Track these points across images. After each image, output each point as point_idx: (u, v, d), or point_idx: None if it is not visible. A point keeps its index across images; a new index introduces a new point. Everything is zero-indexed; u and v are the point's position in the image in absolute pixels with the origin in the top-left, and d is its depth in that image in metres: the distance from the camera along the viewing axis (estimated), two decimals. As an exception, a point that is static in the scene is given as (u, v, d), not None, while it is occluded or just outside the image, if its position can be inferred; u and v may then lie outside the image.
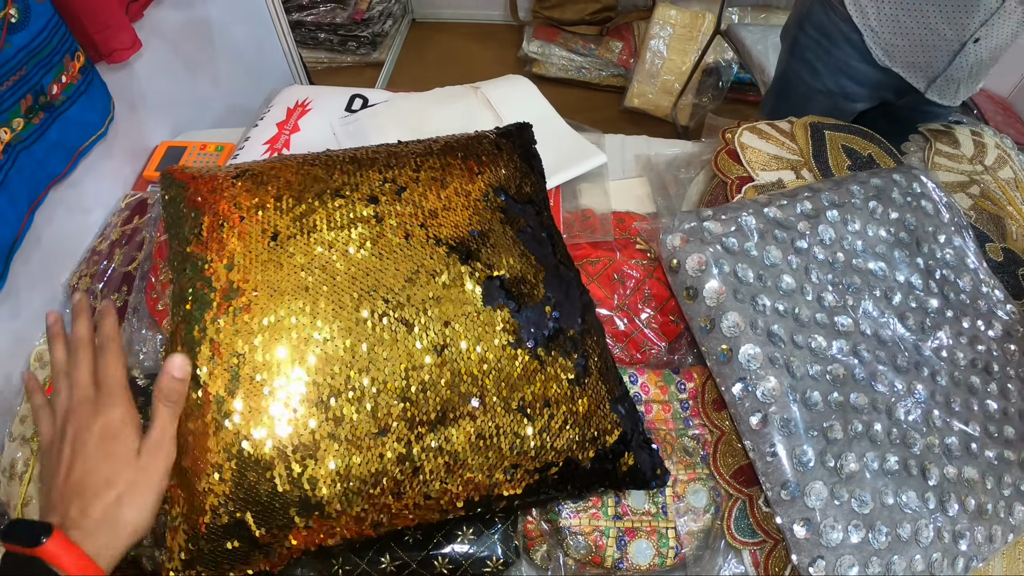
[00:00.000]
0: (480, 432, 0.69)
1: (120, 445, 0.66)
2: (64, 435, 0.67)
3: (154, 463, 0.66)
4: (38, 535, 0.57)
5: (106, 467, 0.65)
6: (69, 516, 0.61)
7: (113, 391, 0.70)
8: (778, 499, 0.78)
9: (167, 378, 0.67)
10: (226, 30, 1.66)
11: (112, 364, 0.72)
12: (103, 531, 0.62)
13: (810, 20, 1.42)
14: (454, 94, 1.27)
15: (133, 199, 1.24)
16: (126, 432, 0.67)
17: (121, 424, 0.67)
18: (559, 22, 3.08)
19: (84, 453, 0.65)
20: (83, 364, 0.72)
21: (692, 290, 0.88)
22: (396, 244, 0.73)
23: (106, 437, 0.66)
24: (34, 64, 1.00)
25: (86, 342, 0.74)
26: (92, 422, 0.67)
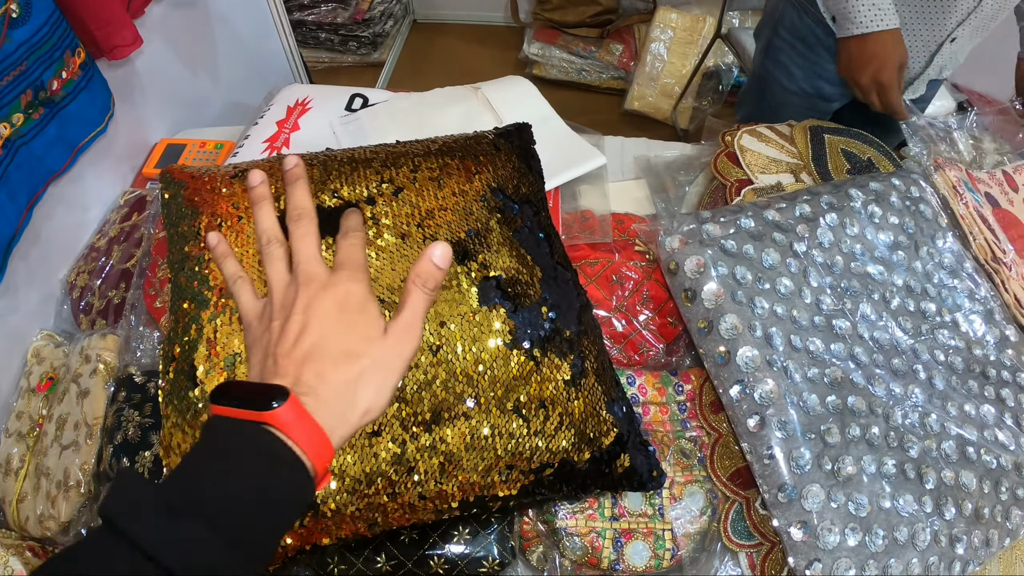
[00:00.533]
0: (475, 433, 0.69)
1: (365, 319, 0.57)
2: (291, 302, 0.57)
3: (401, 345, 0.57)
4: (269, 398, 0.48)
5: (349, 338, 0.55)
6: (302, 381, 0.52)
7: (356, 268, 0.60)
8: (775, 501, 0.78)
9: (426, 262, 0.59)
10: (227, 28, 1.66)
11: (355, 247, 0.62)
12: (340, 403, 0.53)
13: (783, 23, 1.41)
14: (455, 95, 1.27)
15: (132, 196, 1.24)
16: (370, 308, 0.58)
17: (365, 298, 0.58)
18: (560, 24, 3.08)
19: (322, 320, 0.55)
20: (311, 235, 0.62)
21: (690, 292, 0.88)
22: (393, 244, 0.73)
23: (349, 308, 0.57)
24: (35, 59, 1.00)
25: (311, 212, 0.63)
26: (329, 292, 0.57)
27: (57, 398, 0.98)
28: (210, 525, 0.43)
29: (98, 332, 1.00)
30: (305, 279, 0.58)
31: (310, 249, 0.60)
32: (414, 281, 0.59)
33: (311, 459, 0.48)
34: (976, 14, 1.20)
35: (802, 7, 1.34)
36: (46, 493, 0.92)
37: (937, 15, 1.22)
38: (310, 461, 0.48)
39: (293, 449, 0.48)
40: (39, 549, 0.90)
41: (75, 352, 0.99)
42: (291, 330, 0.55)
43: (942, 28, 1.24)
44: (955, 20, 1.22)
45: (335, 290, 0.57)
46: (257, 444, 0.47)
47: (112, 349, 0.97)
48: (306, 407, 0.50)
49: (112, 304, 1.07)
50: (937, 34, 1.25)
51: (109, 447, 0.89)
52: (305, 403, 0.50)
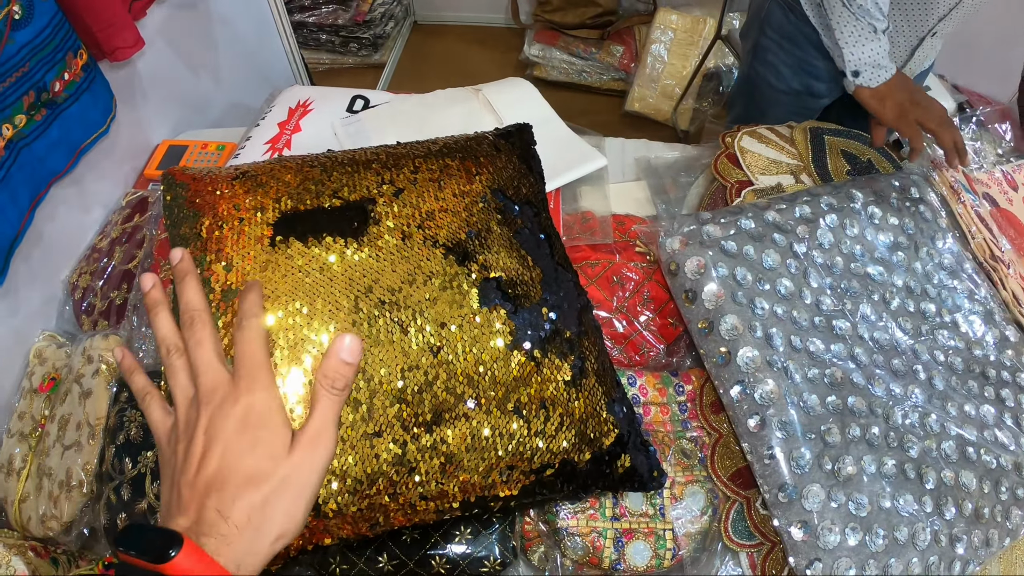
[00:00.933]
0: (476, 433, 0.69)
1: (268, 434, 0.55)
2: (193, 422, 0.56)
3: (311, 457, 0.56)
4: (166, 547, 0.46)
5: (251, 460, 0.53)
6: (204, 519, 0.51)
7: (255, 371, 0.58)
8: (775, 501, 0.78)
9: (334, 360, 0.59)
10: (228, 30, 1.67)
11: (254, 340, 0.60)
12: (245, 537, 0.51)
13: (770, 23, 1.41)
14: (456, 96, 1.28)
15: (134, 197, 1.25)
16: (274, 419, 0.56)
17: (268, 410, 0.56)
18: (560, 26, 3.08)
19: (222, 442, 0.53)
20: (207, 340, 0.60)
21: (691, 293, 0.88)
22: (393, 246, 0.73)
23: (250, 424, 0.55)
24: (37, 61, 1.01)
25: (205, 313, 0.63)
26: (230, 407, 0.55)
27: (59, 398, 0.98)
28: None
29: (100, 333, 1.00)
30: (205, 393, 0.57)
31: (206, 356, 0.59)
32: (321, 383, 0.58)
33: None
34: (957, 10, 1.22)
35: (788, 6, 1.34)
36: (48, 493, 0.92)
37: (920, 12, 1.24)
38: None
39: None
40: (41, 549, 0.90)
41: (77, 353, 0.99)
42: (193, 455, 0.54)
43: (924, 24, 1.26)
44: (936, 16, 1.23)
45: (236, 406, 0.55)
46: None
47: (114, 349, 0.97)
48: (206, 548, 0.48)
49: (114, 305, 1.08)
50: (919, 29, 1.27)
51: (111, 447, 0.89)
52: (205, 544, 0.49)
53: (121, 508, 0.85)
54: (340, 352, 0.59)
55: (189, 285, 0.64)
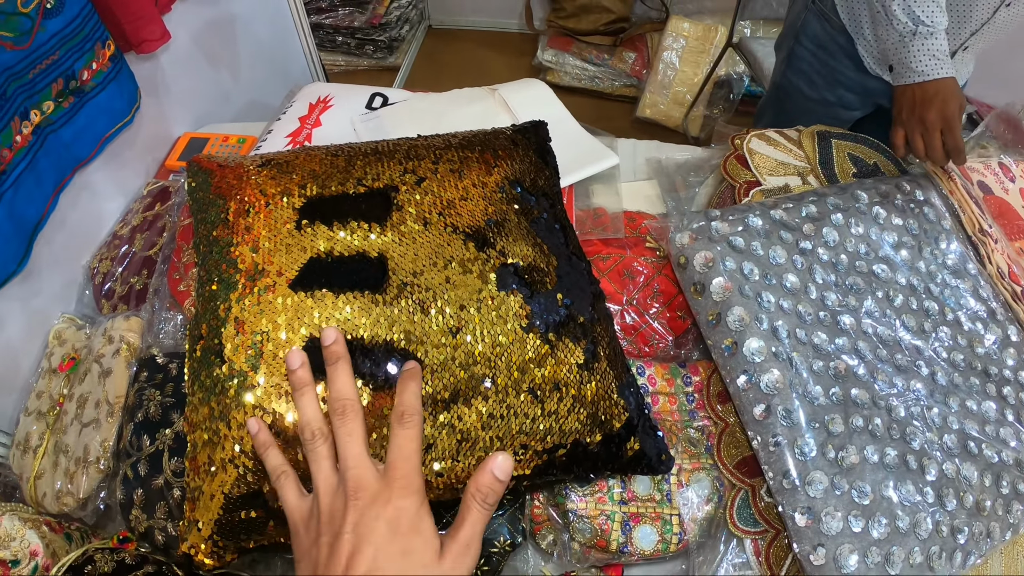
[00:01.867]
0: (492, 412, 0.71)
1: (421, 542, 0.54)
2: (339, 516, 0.55)
3: (460, 566, 0.54)
4: None
5: (403, 567, 0.52)
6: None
7: (410, 475, 0.57)
8: (780, 488, 0.80)
9: (488, 476, 0.57)
10: (249, 28, 1.70)
11: (413, 440, 0.59)
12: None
13: (806, 32, 1.44)
14: (472, 95, 1.30)
15: (155, 187, 1.27)
16: (425, 527, 0.55)
17: (418, 517, 0.55)
18: (573, 32, 3.11)
19: (373, 545, 0.52)
20: (358, 434, 0.60)
21: (699, 285, 0.90)
22: (416, 231, 0.76)
23: (401, 531, 0.54)
24: (66, 50, 1.03)
25: (355, 404, 0.63)
26: (381, 508, 0.54)
27: (78, 378, 1.01)
28: None
29: (122, 314, 1.02)
30: (353, 488, 0.56)
31: (356, 449, 0.59)
32: (474, 496, 0.57)
33: None
34: (989, 25, 1.23)
35: (824, 16, 1.36)
36: (64, 470, 0.94)
37: (954, 25, 1.25)
38: None
39: None
40: (55, 524, 0.92)
41: (98, 333, 1.02)
42: (342, 552, 0.52)
43: (957, 37, 1.27)
44: (969, 30, 1.25)
45: (387, 507, 0.54)
46: None
47: (136, 331, 0.99)
48: None
49: (134, 290, 1.10)
50: (953, 43, 1.28)
51: (130, 425, 0.91)
52: None
53: (138, 484, 0.87)
54: (494, 469, 0.57)
55: (341, 371, 0.65)
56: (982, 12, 1.21)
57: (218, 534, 0.69)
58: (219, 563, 0.71)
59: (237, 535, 0.69)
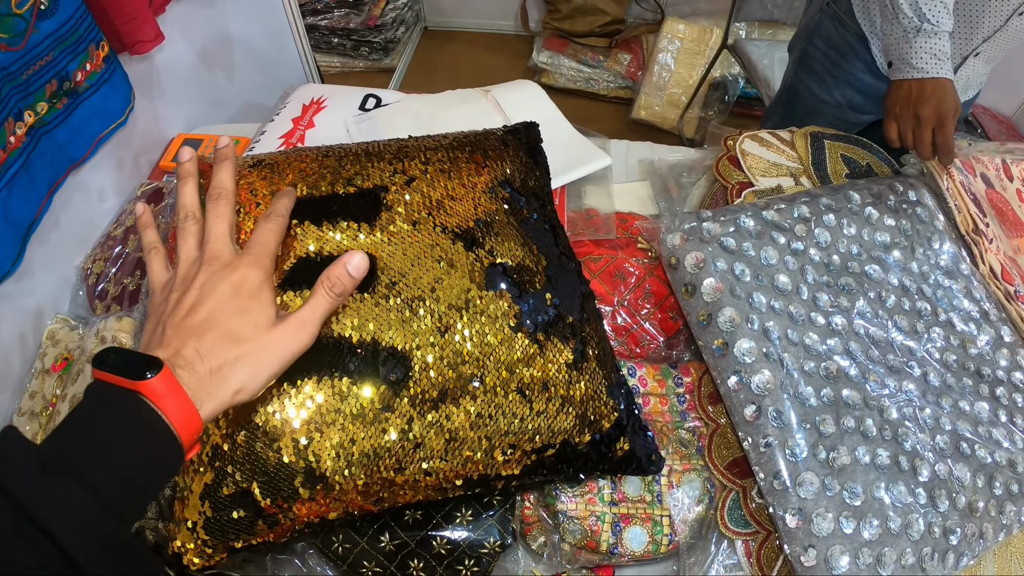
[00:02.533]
0: (480, 412, 0.71)
1: (257, 306, 0.60)
2: (190, 278, 0.61)
3: (289, 339, 0.60)
4: (143, 368, 0.50)
5: (236, 322, 0.58)
6: (182, 354, 0.54)
7: (261, 255, 0.64)
8: (770, 489, 0.80)
9: (340, 267, 0.64)
10: (244, 29, 1.70)
11: (272, 232, 0.67)
12: (213, 381, 0.55)
13: (819, 33, 1.44)
14: (465, 96, 1.30)
15: (149, 188, 1.28)
16: (264, 296, 0.61)
17: (260, 286, 0.61)
18: (569, 33, 3.12)
19: (214, 299, 0.58)
20: (224, 216, 0.66)
21: (690, 286, 0.91)
22: (405, 231, 0.76)
23: (242, 293, 0.60)
24: (60, 51, 1.04)
25: (230, 194, 0.69)
26: (229, 273, 0.60)
27: (71, 378, 1.01)
28: (79, 482, 0.45)
29: (114, 315, 1.02)
30: (209, 257, 0.62)
31: (220, 228, 0.65)
32: (322, 282, 0.63)
33: (178, 428, 0.51)
34: (1002, 32, 1.24)
35: (839, 18, 1.37)
36: (59, 470, 0.94)
37: (966, 30, 1.26)
38: (177, 430, 0.51)
39: (161, 417, 0.50)
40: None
41: (91, 334, 1.02)
42: (184, 304, 0.59)
43: (969, 43, 1.27)
44: (981, 36, 1.25)
45: (234, 273, 0.61)
46: (127, 410, 0.50)
47: (128, 331, 0.99)
48: (180, 380, 0.52)
49: (127, 291, 1.10)
50: (964, 48, 1.29)
51: (123, 425, 0.91)
52: (179, 376, 0.53)
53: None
54: (348, 264, 0.64)
55: (225, 168, 0.71)
56: (994, 19, 1.22)
57: (207, 533, 0.69)
58: (209, 563, 0.71)
59: (226, 534, 0.69)
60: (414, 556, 0.81)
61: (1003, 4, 1.20)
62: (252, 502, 0.68)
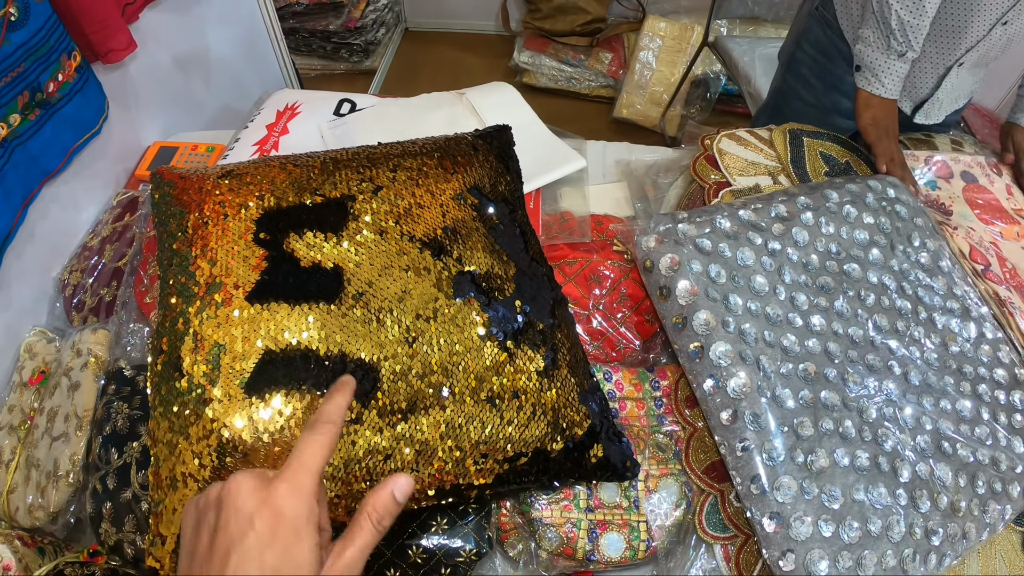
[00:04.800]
0: (450, 421, 0.71)
1: (301, 549, 0.49)
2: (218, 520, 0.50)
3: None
4: None
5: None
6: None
7: (302, 478, 0.51)
8: (748, 493, 0.79)
9: (387, 496, 0.54)
10: (220, 35, 1.69)
11: (319, 446, 0.53)
12: None
13: (807, 38, 1.45)
14: (440, 100, 1.30)
15: (125, 197, 1.27)
16: (304, 543, 0.49)
17: (300, 530, 0.49)
18: (550, 33, 3.11)
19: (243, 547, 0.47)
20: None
21: (665, 289, 0.90)
22: (371, 240, 0.76)
23: (278, 548, 0.48)
24: (32, 62, 1.03)
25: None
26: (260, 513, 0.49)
27: (48, 391, 1.00)
28: None
29: (90, 327, 1.01)
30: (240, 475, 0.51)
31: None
32: (369, 516, 0.53)
33: None
34: (984, 42, 1.25)
35: (827, 22, 1.37)
36: (36, 483, 0.93)
37: (950, 40, 1.27)
38: None
39: None
40: (28, 539, 0.91)
41: (67, 347, 1.01)
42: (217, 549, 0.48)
43: (952, 53, 1.28)
44: (964, 47, 1.26)
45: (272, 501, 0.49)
46: None
47: (103, 343, 0.98)
48: None
49: (104, 302, 1.09)
50: (947, 58, 1.30)
51: (98, 438, 0.91)
52: None
53: (106, 497, 0.87)
54: (395, 490, 0.54)
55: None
56: (978, 29, 1.23)
57: (181, 548, 0.69)
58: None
59: (199, 549, 0.69)
60: (390, 566, 0.81)
61: (987, 14, 1.20)
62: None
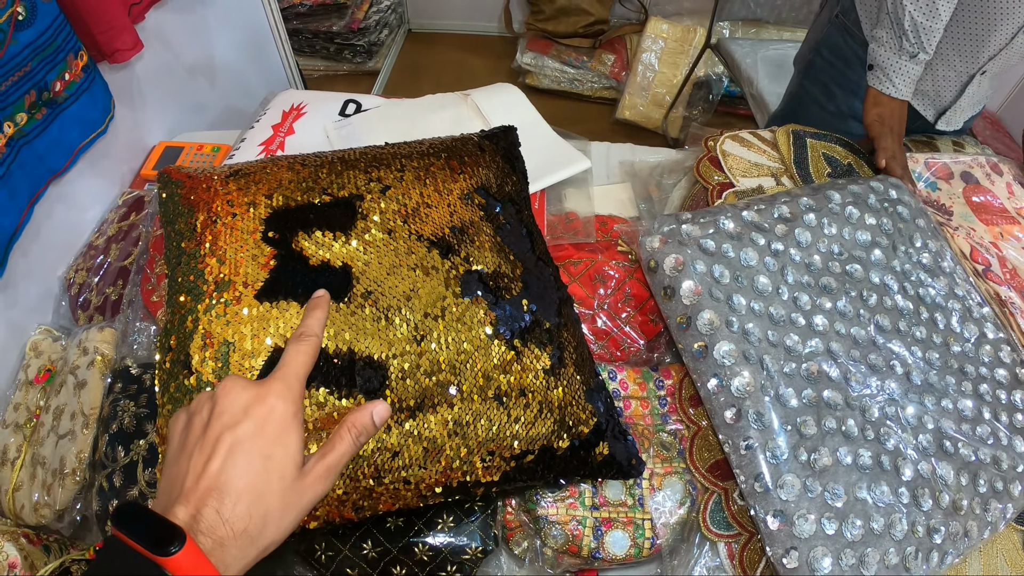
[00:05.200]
0: (457, 419, 0.71)
1: (282, 451, 0.56)
2: (212, 411, 0.57)
3: (314, 489, 0.57)
4: (167, 540, 0.46)
5: (259, 473, 0.54)
6: (203, 516, 0.51)
7: (291, 381, 0.60)
8: (752, 491, 0.80)
9: (367, 416, 0.62)
10: (225, 35, 1.70)
11: (303, 355, 0.62)
12: (238, 545, 0.52)
13: (826, 44, 1.45)
14: (445, 101, 1.30)
15: (130, 196, 1.27)
16: (291, 438, 0.57)
17: (287, 424, 0.57)
18: (553, 35, 3.12)
19: (233, 443, 0.54)
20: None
21: (669, 289, 0.91)
22: (380, 239, 0.76)
23: (265, 435, 0.56)
24: (39, 61, 1.03)
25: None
26: (254, 407, 0.56)
27: (54, 389, 1.00)
28: None
29: (96, 325, 1.02)
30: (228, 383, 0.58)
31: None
32: (349, 430, 0.61)
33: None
34: (1007, 50, 1.25)
35: (847, 29, 1.38)
36: (42, 481, 0.94)
37: (973, 48, 1.27)
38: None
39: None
40: (34, 536, 0.91)
41: (73, 345, 1.02)
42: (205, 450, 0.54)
43: (975, 61, 1.29)
44: (987, 55, 1.27)
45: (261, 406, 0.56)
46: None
47: (109, 342, 0.99)
48: (203, 548, 0.49)
49: (109, 300, 1.10)
50: (970, 66, 1.31)
51: (105, 436, 0.91)
52: (202, 544, 0.49)
53: (113, 495, 0.87)
54: (374, 412, 0.62)
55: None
56: (1001, 37, 1.23)
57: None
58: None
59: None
60: (396, 563, 0.81)
61: (1010, 23, 1.21)
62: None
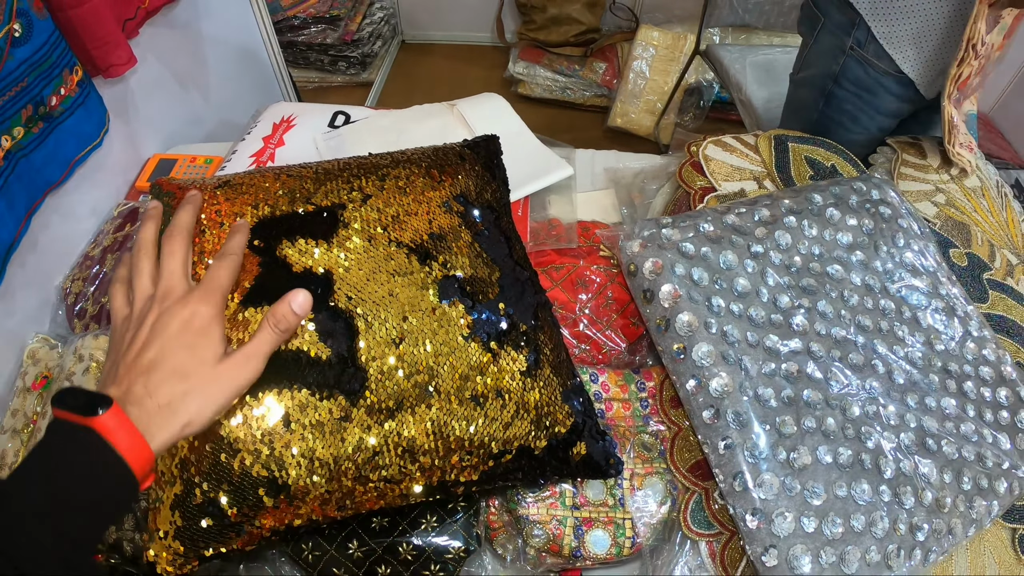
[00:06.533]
0: (436, 419, 0.73)
1: (205, 341, 0.64)
2: (144, 315, 0.64)
3: (235, 373, 0.64)
4: (95, 405, 0.54)
5: (184, 358, 0.62)
6: (132, 392, 0.59)
7: (213, 291, 0.67)
8: (731, 490, 0.81)
9: (285, 306, 0.67)
10: (218, 49, 1.72)
11: (225, 269, 0.69)
12: (162, 415, 0.59)
13: (847, 76, 1.43)
14: (431, 111, 1.33)
15: (125, 208, 1.29)
16: (213, 332, 0.65)
17: (210, 322, 0.65)
18: (544, 44, 3.14)
19: (164, 337, 0.62)
20: (178, 253, 0.70)
21: (648, 292, 0.92)
22: (360, 247, 0.78)
23: (191, 329, 0.63)
24: (35, 76, 1.05)
25: (185, 232, 0.73)
26: (179, 310, 0.64)
27: (51, 396, 1.02)
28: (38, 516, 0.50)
29: (92, 333, 1.04)
30: (162, 295, 0.66)
31: (173, 265, 0.69)
32: (268, 319, 0.67)
33: (129, 459, 0.55)
34: None
35: (866, 61, 1.37)
36: (38, 487, 0.95)
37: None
38: (128, 461, 0.55)
39: (113, 450, 0.54)
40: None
41: (69, 352, 1.03)
42: (136, 343, 0.63)
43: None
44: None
45: (184, 309, 0.64)
46: (81, 443, 0.54)
47: (104, 349, 1.01)
48: (129, 415, 0.57)
49: (105, 309, 1.11)
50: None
51: (98, 442, 0.93)
52: (129, 412, 0.57)
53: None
54: (292, 302, 0.68)
55: (187, 210, 0.75)
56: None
57: (179, 542, 0.71)
58: (181, 571, 0.73)
59: (196, 543, 0.71)
60: (381, 562, 0.83)
61: None
62: (219, 511, 0.70)
